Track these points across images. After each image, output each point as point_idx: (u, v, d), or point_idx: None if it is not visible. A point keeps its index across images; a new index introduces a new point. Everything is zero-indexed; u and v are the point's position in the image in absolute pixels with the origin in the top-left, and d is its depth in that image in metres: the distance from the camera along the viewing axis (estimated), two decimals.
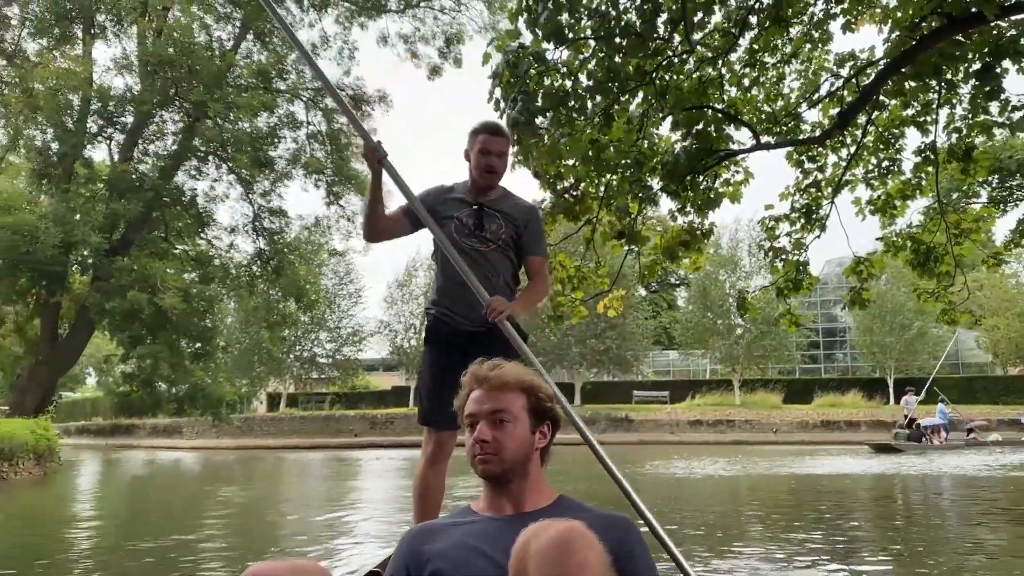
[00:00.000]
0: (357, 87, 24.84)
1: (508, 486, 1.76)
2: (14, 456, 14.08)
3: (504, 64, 6.25)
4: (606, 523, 1.59)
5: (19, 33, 24.66)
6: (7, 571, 6.07)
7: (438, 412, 3.04)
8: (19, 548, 7.32)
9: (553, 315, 9.40)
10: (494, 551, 1.59)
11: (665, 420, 35.38)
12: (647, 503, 2.52)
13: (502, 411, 1.76)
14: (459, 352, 2.86)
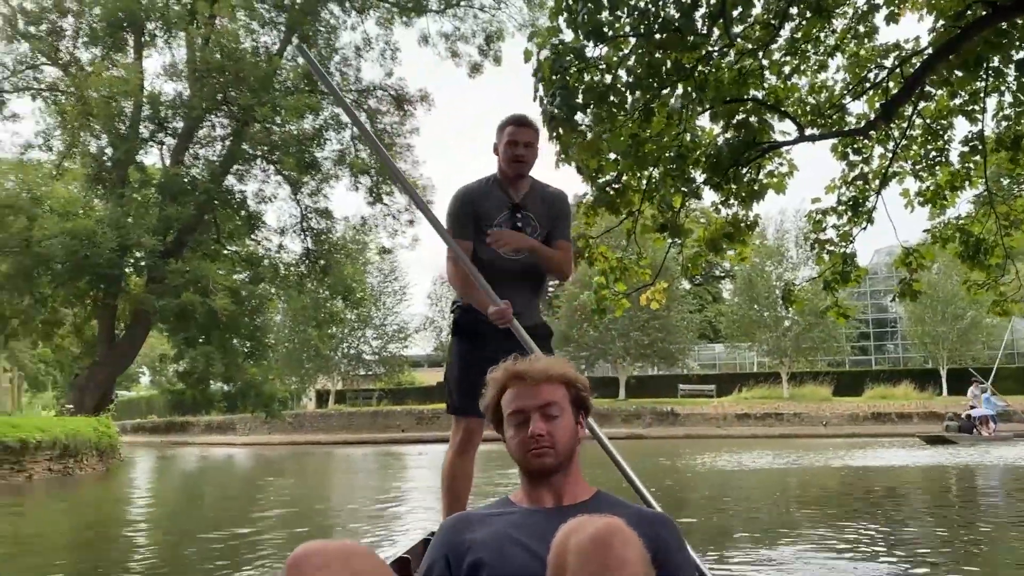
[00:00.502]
0: (399, 87, 25.13)
1: (551, 479, 1.78)
2: (79, 453, 14.66)
3: (545, 61, 6.35)
4: (645, 520, 1.60)
5: (73, 43, 25.51)
6: (83, 558, 6.39)
7: (467, 402, 3.04)
8: (91, 537, 7.67)
9: (596, 308, 9.47)
10: (534, 543, 1.60)
11: (712, 414, 35.12)
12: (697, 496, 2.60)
13: (552, 404, 1.77)
14: (489, 344, 2.94)
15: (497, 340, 2.99)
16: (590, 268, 9.28)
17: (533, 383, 1.78)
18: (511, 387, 1.81)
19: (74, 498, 11.90)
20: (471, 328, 3.23)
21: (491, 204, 3.27)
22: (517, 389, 1.80)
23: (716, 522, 7.62)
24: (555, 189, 3.39)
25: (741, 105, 7.65)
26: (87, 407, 20.28)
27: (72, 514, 10.02)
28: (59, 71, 25.16)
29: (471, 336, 3.23)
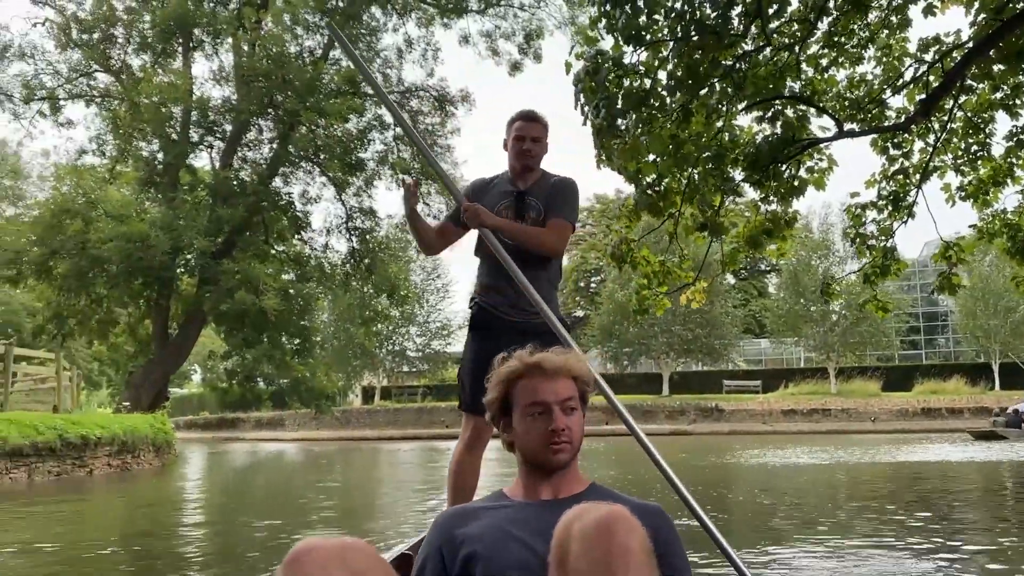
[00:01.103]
0: (441, 88, 25.39)
1: (554, 473, 1.76)
2: (136, 448, 15.20)
3: (584, 72, 6.48)
4: (641, 511, 1.57)
5: (124, 50, 26.28)
6: (144, 544, 6.72)
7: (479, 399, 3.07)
8: (151, 527, 8.02)
9: (638, 308, 9.59)
10: (529, 535, 1.60)
11: (757, 410, 34.82)
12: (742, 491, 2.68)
13: (572, 398, 1.77)
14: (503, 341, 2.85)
15: (511, 337, 2.88)
16: (633, 272, 9.40)
17: (554, 376, 1.76)
18: (528, 377, 1.77)
19: (132, 491, 12.37)
20: (486, 324, 3.21)
21: (495, 194, 3.29)
22: (535, 380, 1.76)
23: (761, 517, 7.65)
24: (564, 176, 3.37)
25: (777, 101, 7.69)
26: (143, 404, 20.95)
27: (130, 506, 10.44)
28: (111, 78, 25.93)
29: (485, 332, 3.19)
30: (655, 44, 6.83)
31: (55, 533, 7.58)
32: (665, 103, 7.01)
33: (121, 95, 24.69)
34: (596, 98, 6.43)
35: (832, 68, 7.89)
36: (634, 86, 6.92)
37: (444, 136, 26.30)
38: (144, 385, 22.69)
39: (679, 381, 42.44)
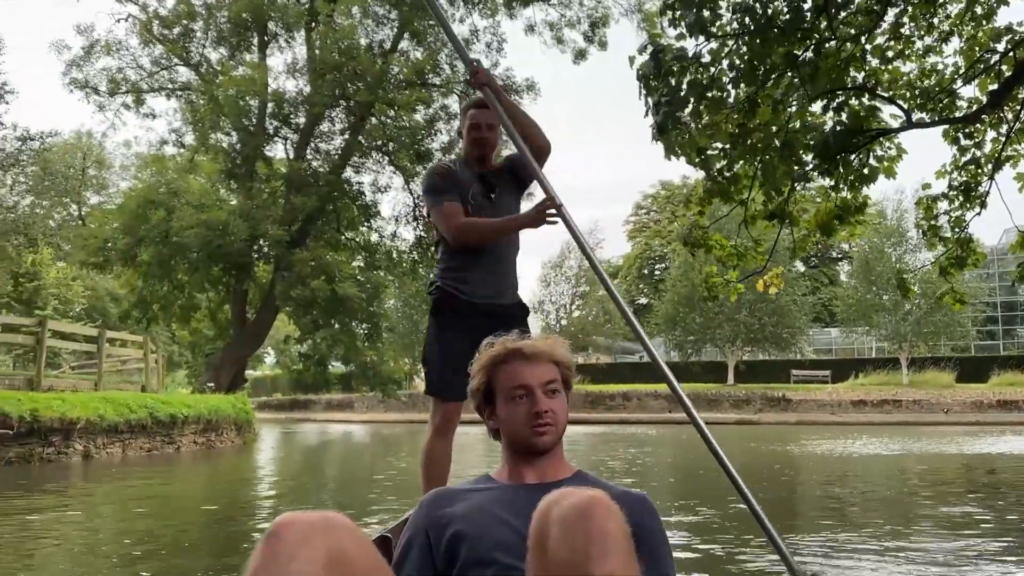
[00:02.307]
0: (506, 77, 25.60)
1: (540, 457, 1.78)
2: (219, 427, 16.02)
3: (648, 65, 6.65)
4: (624, 498, 1.59)
5: (203, 44, 27.28)
6: (233, 516, 7.22)
7: (447, 383, 3.09)
8: (239, 501, 8.57)
9: (708, 295, 9.68)
10: (514, 517, 1.61)
11: (826, 400, 34.26)
12: (809, 481, 2.79)
13: (555, 381, 1.78)
14: (470, 326, 2.92)
15: (477, 320, 3.00)
16: (706, 256, 9.49)
17: (536, 360, 1.78)
18: (509, 362, 1.79)
19: (219, 467, 13.08)
20: (452, 308, 3.20)
21: (464, 177, 3.28)
22: (517, 365, 1.78)
23: (829, 507, 7.68)
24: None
25: (842, 92, 7.71)
26: (222, 385, 21.92)
27: (215, 480, 11.10)
28: (191, 71, 26.97)
29: (451, 317, 3.19)
30: (720, 37, 6.94)
31: (151, 501, 8.19)
32: (728, 93, 7.12)
33: (200, 88, 25.68)
34: (659, 91, 6.60)
35: (898, 60, 7.85)
36: (698, 76, 7.05)
37: None
38: (223, 367, 23.70)
39: (745, 370, 41.98)
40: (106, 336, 16.62)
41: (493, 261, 3.27)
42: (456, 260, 3.24)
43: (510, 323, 2.90)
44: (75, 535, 6.17)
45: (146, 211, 23.16)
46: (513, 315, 3.23)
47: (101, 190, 43.07)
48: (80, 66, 26.08)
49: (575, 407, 18.26)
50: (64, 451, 11.64)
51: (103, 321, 33.33)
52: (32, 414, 10.97)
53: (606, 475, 10.22)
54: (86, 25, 26.17)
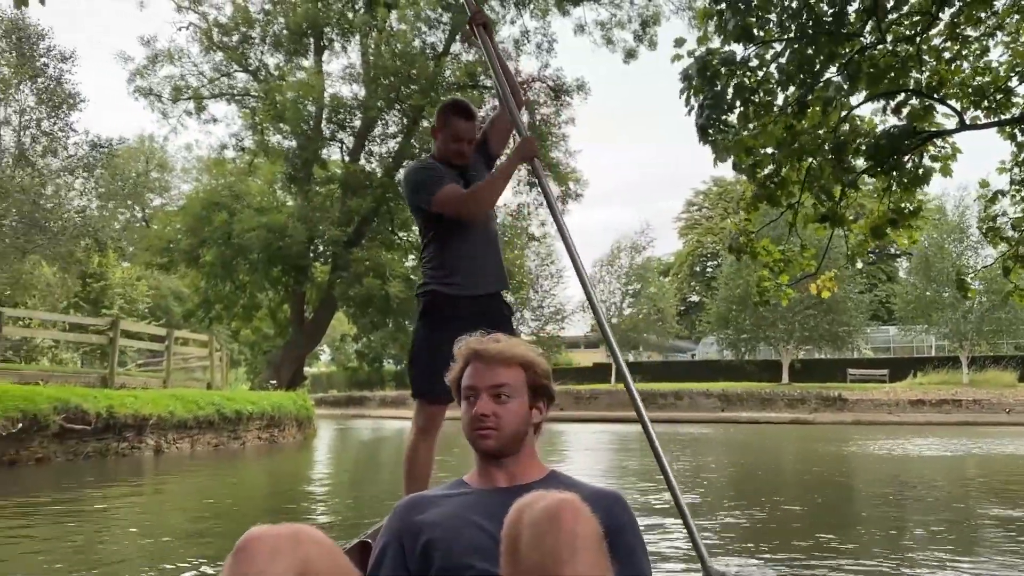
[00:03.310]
0: (556, 78, 25.80)
1: (502, 460, 1.78)
2: (282, 423, 16.57)
3: (693, 67, 6.79)
4: (597, 497, 1.61)
5: (261, 51, 28.07)
6: (283, 508, 7.58)
7: (430, 385, 3.07)
8: (299, 493, 8.95)
9: (759, 300, 9.74)
10: (487, 521, 1.61)
11: (883, 399, 33.61)
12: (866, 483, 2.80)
13: (502, 385, 1.76)
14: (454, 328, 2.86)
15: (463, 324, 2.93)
16: (752, 262, 9.55)
17: (489, 362, 1.78)
18: (470, 363, 1.80)
19: (282, 461, 13.58)
20: (438, 312, 3.22)
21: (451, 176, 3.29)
22: (474, 366, 1.79)
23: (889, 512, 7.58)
24: None
25: (901, 93, 7.71)
26: (283, 382, 22.61)
27: (277, 474, 11.57)
28: (249, 77, 27.78)
29: (437, 320, 3.21)
30: (766, 42, 7.04)
31: (217, 492, 8.63)
32: (776, 96, 7.21)
33: (259, 93, 26.43)
34: (704, 95, 6.73)
35: (957, 60, 7.82)
36: (744, 80, 7.16)
37: (558, 125, 26.73)
38: (283, 365, 24.42)
39: (801, 369, 41.39)
40: (174, 336, 17.30)
41: (480, 256, 3.28)
42: (445, 259, 3.25)
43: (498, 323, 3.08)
44: (144, 519, 6.60)
45: (209, 213, 24.00)
46: (501, 315, 3.27)
47: (163, 192, 44.56)
48: (144, 75, 27.10)
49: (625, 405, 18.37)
50: (137, 446, 12.23)
51: (167, 320, 34.55)
52: (108, 411, 11.55)
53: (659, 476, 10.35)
54: (150, 36, 27.20)
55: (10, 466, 10.00)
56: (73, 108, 26.74)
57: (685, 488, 8.78)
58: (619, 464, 12.95)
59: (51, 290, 30.89)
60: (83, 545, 5.32)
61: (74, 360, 33.18)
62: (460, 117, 3.26)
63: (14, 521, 6.29)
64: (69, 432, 10.88)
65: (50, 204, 26.80)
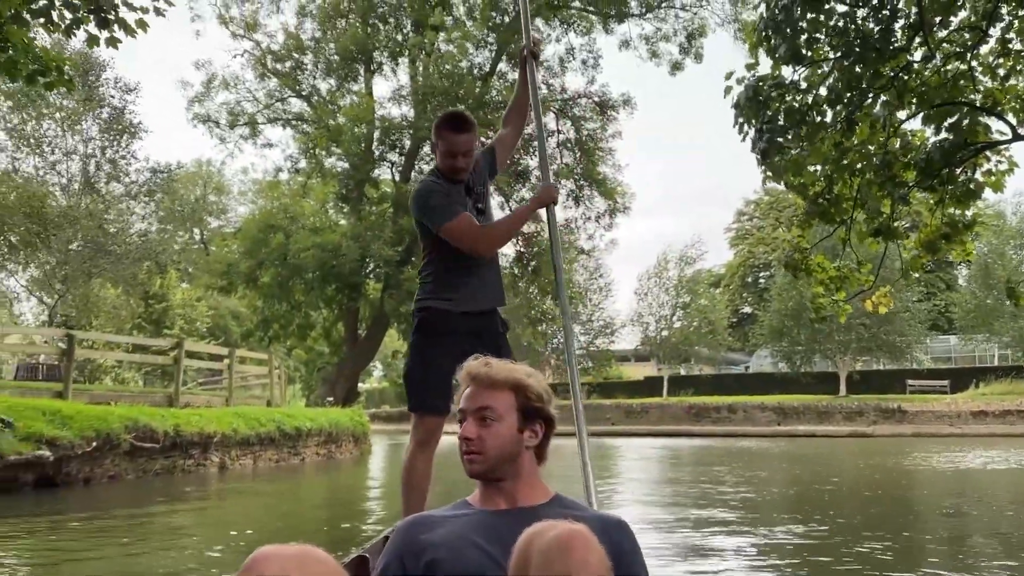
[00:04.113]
0: (602, 93, 25.96)
1: (499, 483, 1.78)
2: (339, 439, 16.97)
3: (745, 96, 6.90)
4: (602, 524, 1.62)
5: (313, 76, 28.83)
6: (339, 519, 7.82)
7: (430, 400, 3.17)
8: (356, 506, 9.21)
9: (815, 317, 9.74)
10: (488, 543, 1.62)
11: (944, 411, 32.79)
12: (929, 498, 2.75)
13: (487, 409, 1.76)
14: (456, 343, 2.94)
15: (456, 340, 3.03)
16: (808, 279, 9.56)
17: (478, 386, 1.79)
18: (466, 386, 1.81)
19: (340, 476, 13.92)
20: (432, 327, 3.21)
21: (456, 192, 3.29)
22: (468, 390, 1.80)
23: (953, 531, 7.31)
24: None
25: (954, 109, 7.69)
26: (337, 398, 23.09)
27: (334, 487, 11.89)
28: (302, 102, 28.55)
29: (431, 335, 3.21)
30: (815, 62, 7.11)
31: (280, 505, 8.94)
32: (826, 116, 7.27)
33: (311, 118, 27.16)
34: (759, 121, 6.83)
35: (1011, 79, 7.76)
36: (795, 103, 7.24)
37: (605, 140, 26.85)
38: (337, 382, 24.93)
39: (858, 381, 40.57)
40: (236, 355, 17.86)
41: (481, 274, 3.28)
42: (444, 276, 3.24)
43: (494, 340, 3.17)
44: (211, 531, 6.90)
45: (266, 235, 24.69)
46: (497, 331, 3.27)
47: (221, 215, 45.82)
48: (202, 102, 28.06)
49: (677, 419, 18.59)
50: (202, 463, 12.67)
51: (225, 339, 35.49)
52: (175, 429, 12.01)
53: (711, 492, 10.37)
54: (204, 60, 28.18)
55: (85, 484, 10.47)
56: (135, 136, 27.90)
57: (736, 504, 8.80)
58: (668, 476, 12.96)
59: (116, 312, 32.03)
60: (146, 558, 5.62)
61: (136, 380, 34.31)
62: (450, 130, 3.21)
63: (91, 539, 6.66)
64: (139, 450, 11.34)
65: (114, 228, 27.94)
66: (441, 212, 3.17)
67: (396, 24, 26.79)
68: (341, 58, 26.74)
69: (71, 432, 10.09)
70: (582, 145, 26.15)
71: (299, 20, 27.40)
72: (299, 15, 27.32)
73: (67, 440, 9.95)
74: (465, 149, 3.19)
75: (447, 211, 3.16)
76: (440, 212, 3.17)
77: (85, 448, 10.27)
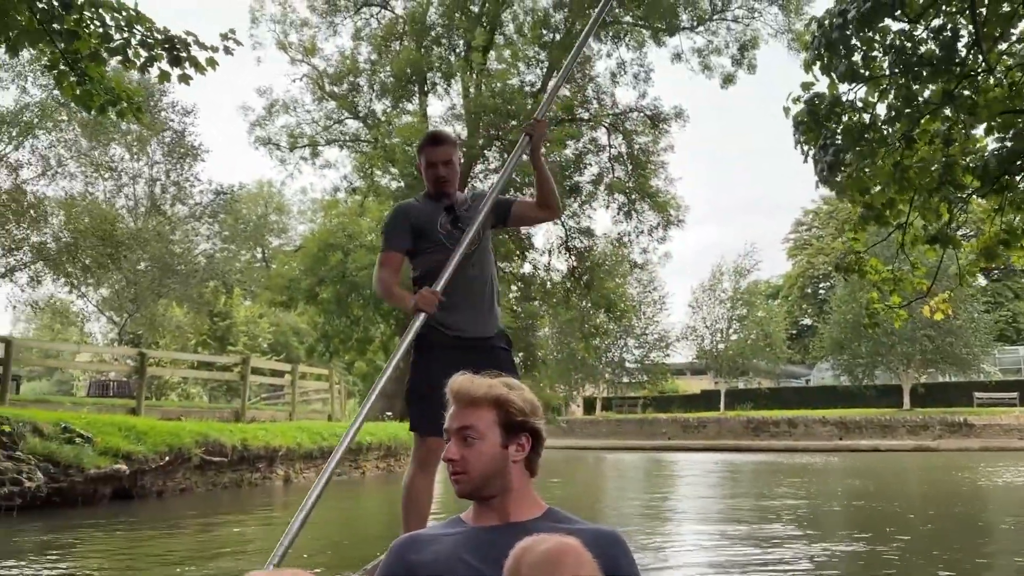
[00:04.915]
0: (654, 107, 26.00)
1: (489, 500, 1.75)
2: (398, 453, 17.27)
3: (803, 115, 6.96)
4: (596, 537, 1.59)
5: (369, 97, 29.53)
6: None
7: (429, 419, 2.99)
8: None
9: (869, 323, 9.65)
10: (478, 560, 1.61)
11: (1013, 424, 31.73)
12: (994, 514, 2.64)
13: (468, 428, 1.73)
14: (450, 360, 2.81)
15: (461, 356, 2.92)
16: (861, 280, 9.50)
17: (459, 404, 1.76)
18: (451, 405, 1.79)
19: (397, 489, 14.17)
20: (428, 344, 3.19)
21: (428, 214, 3.34)
22: (452, 409, 1.78)
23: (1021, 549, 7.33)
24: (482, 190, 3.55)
25: (1015, 117, 7.60)
26: (395, 413, 23.44)
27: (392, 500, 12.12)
28: (359, 123, 29.24)
29: (435, 354, 3.17)
30: (873, 79, 7.12)
31: (342, 515, 9.20)
32: (885, 134, 7.27)
33: (368, 138, 27.79)
34: (820, 140, 6.88)
35: None
36: (853, 121, 7.25)
37: (657, 153, 26.83)
38: (395, 396, 25.28)
39: (923, 394, 39.48)
40: (298, 371, 18.36)
41: (472, 297, 3.29)
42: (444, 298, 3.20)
43: (495, 356, 3.16)
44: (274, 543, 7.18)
45: (325, 253, 25.28)
46: (497, 348, 3.28)
47: (281, 234, 46.96)
48: (263, 125, 28.95)
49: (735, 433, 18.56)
50: (268, 476, 13.09)
51: (286, 354, 36.36)
52: (242, 443, 12.45)
53: (771, 506, 10.31)
54: (266, 88, 29.08)
55: (158, 496, 10.94)
56: (197, 158, 28.96)
57: (794, 518, 8.74)
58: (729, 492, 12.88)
59: (182, 330, 33.13)
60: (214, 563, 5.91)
61: (200, 395, 35.36)
62: (429, 144, 3.39)
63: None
64: (208, 464, 11.79)
65: (179, 249, 29.00)
66: (385, 239, 3.36)
67: (449, 44, 27.29)
68: (396, 79, 27.33)
69: (146, 447, 10.56)
70: (634, 159, 26.19)
71: (355, 44, 28.11)
72: (355, 39, 28.02)
73: (142, 454, 10.42)
74: (443, 159, 3.34)
75: (386, 241, 3.35)
76: (384, 238, 3.37)
77: (159, 462, 10.73)
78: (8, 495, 8.55)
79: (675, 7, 25.26)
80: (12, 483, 8.62)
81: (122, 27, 6.84)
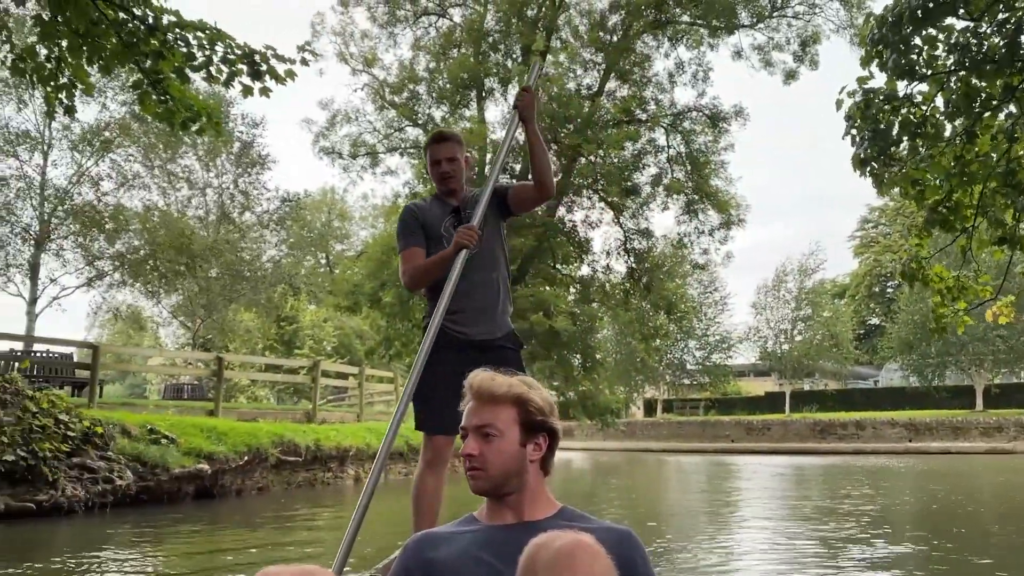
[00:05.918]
0: (713, 106, 25.81)
1: (505, 498, 1.76)
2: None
3: (856, 107, 7.01)
4: (610, 536, 1.59)
5: (427, 105, 30.07)
6: None
7: (436, 419, 3.13)
8: None
9: (936, 327, 9.58)
10: (494, 558, 1.62)
11: None
12: None
13: (488, 425, 1.74)
14: (459, 361, 2.83)
15: (469, 356, 2.96)
16: (924, 289, 9.43)
17: (479, 401, 1.76)
18: (468, 402, 1.79)
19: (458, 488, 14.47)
20: (444, 345, 3.14)
21: (434, 214, 3.37)
22: (469, 406, 1.78)
23: None
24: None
25: None
26: None
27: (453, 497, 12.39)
28: (418, 130, 29.80)
29: (444, 354, 3.11)
30: (934, 75, 7.13)
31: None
32: (941, 129, 7.26)
33: None
34: (866, 130, 6.92)
35: None
36: (910, 115, 7.27)
37: (717, 153, 26.62)
38: None
39: (998, 395, 38.21)
40: (365, 373, 18.86)
41: (483, 297, 3.29)
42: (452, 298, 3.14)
43: (502, 356, 3.16)
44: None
45: (387, 258, 25.82)
46: (504, 348, 3.28)
47: (344, 239, 47.99)
48: (326, 136, 29.73)
49: (801, 435, 18.52)
50: (339, 475, 13.54)
51: (350, 357, 37.19)
52: (316, 444, 12.92)
53: (838, 508, 10.25)
54: (328, 100, 29.86)
55: (237, 495, 11.44)
56: (264, 168, 29.93)
57: (865, 522, 8.72)
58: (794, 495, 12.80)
59: (250, 334, 34.21)
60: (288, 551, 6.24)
61: (268, 397, 36.42)
62: (433, 142, 3.41)
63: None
64: (284, 464, 12.28)
65: (248, 256, 30.01)
66: (402, 238, 3.38)
67: (506, 50, 27.59)
68: (454, 87, 27.76)
69: (226, 447, 11.08)
70: (693, 159, 26.05)
71: (414, 53, 28.65)
72: (414, 48, 28.55)
73: (223, 455, 10.94)
74: (447, 155, 3.36)
75: (403, 240, 3.37)
76: (400, 238, 3.39)
77: (238, 462, 11.24)
78: (102, 492, 9.12)
79: (733, 6, 25.03)
80: (105, 481, 9.20)
81: (204, 46, 7.17)
